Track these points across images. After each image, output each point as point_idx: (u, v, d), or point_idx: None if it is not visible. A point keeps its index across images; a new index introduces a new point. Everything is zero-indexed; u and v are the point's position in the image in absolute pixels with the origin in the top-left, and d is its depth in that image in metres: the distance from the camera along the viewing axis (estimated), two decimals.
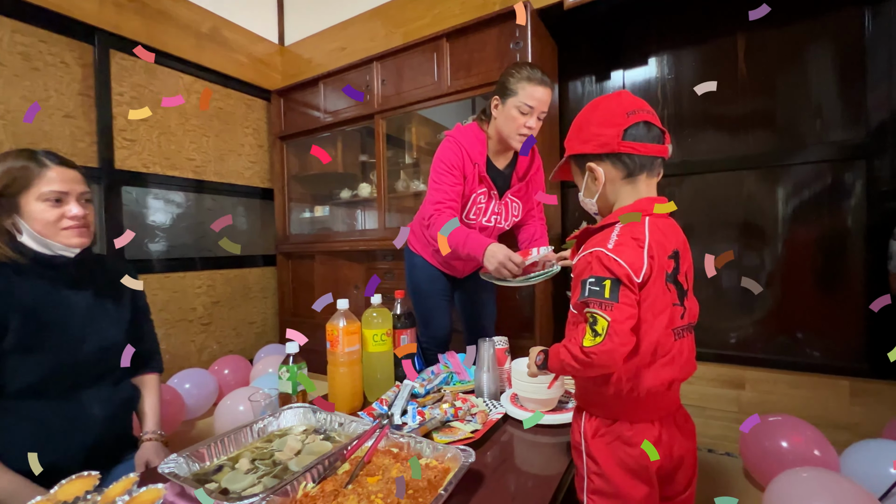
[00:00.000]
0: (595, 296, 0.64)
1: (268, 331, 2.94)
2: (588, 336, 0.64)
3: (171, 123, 2.40)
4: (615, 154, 0.72)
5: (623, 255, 0.65)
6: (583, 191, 0.80)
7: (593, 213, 0.82)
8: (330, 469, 0.75)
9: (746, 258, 1.92)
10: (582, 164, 0.77)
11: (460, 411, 0.99)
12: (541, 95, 1.25)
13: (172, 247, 2.44)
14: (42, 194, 0.89)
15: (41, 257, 0.91)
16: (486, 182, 1.35)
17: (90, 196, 0.99)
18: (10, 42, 1.82)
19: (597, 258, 0.66)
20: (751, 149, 1.90)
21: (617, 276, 0.64)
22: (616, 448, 0.71)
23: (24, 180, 0.88)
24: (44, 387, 0.89)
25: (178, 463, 0.75)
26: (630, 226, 0.69)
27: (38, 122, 1.90)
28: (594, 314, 0.64)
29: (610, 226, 0.72)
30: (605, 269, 0.65)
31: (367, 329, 1.17)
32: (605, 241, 0.68)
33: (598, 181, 0.75)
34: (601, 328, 0.63)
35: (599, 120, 0.73)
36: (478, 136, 1.36)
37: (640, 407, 0.70)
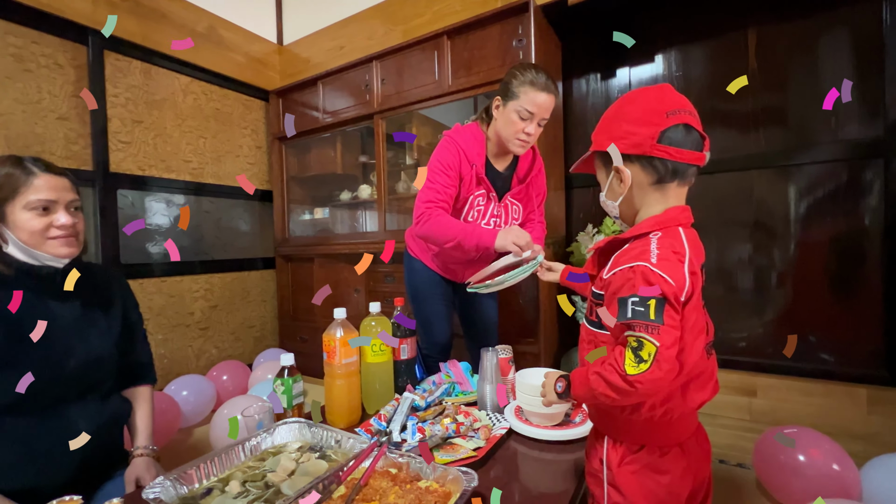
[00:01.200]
0: (639, 317, 0.57)
1: (267, 335, 2.90)
2: (630, 362, 0.57)
3: (168, 125, 2.36)
4: (647, 157, 0.65)
5: (668, 270, 0.58)
6: (605, 191, 0.73)
7: (613, 216, 0.76)
8: (325, 492, 0.71)
9: (757, 260, 1.87)
10: (608, 163, 0.70)
11: (462, 426, 0.95)
12: (543, 102, 1.20)
13: None
14: (29, 203, 0.85)
15: (27, 268, 0.87)
16: (485, 184, 1.31)
17: (79, 204, 0.95)
18: (2, 43, 1.79)
19: (641, 274, 0.59)
20: (761, 147, 1.84)
21: (663, 295, 0.57)
22: (644, 477, 0.65)
23: (10, 188, 0.84)
24: (26, 402, 0.85)
25: (165, 487, 0.71)
26: (668, 238, 0.63)
27: (30, 125, 1.86)
28: (640, 338, 0.57)
29: (642, 237, 0.66)
30: (650, 288, 0.58)
31: None
32: (646, 254, 0.61)
33: (623, 184, 0.68)
34: (647, 354, 0.56)
35: (635, 116, 0.66)
36: (476, 136, 1.32)
37: (671, 431, 0.66)
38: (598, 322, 0.69)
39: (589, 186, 2.23)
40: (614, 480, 0.67)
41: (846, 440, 1.40)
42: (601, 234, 1.92)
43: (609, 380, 0.59)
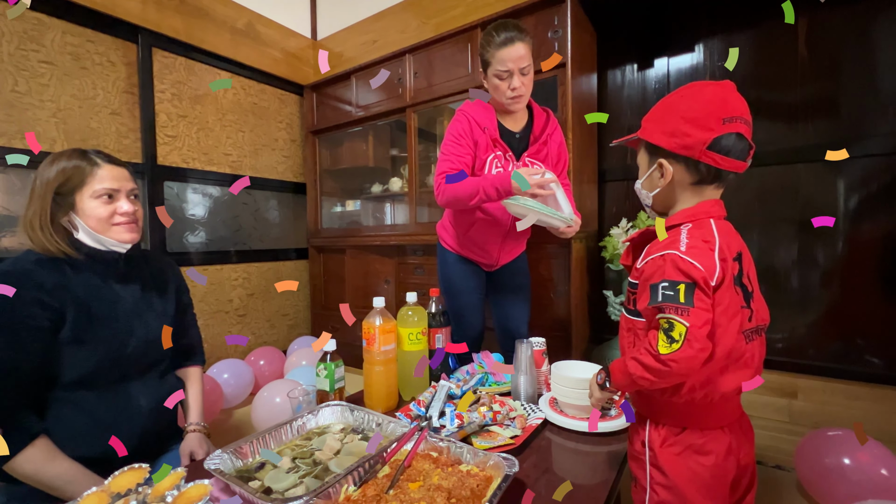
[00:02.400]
0: (670, 300, 0.60)
1: (300, 323, 2.99)
2: (663, 343, 0.60)
3: (209, 119, 2.46)
4: (693, 160, 0.67)
5: (697, 257, 0.61)
6: (643, 180, 0.75)
7: (646, 205, 0.78)
8: (370, 472, 0.74)
9: (802, 257, 1.79)
10: (653, 154, 0.72)
11: (499, 415, 0.97)
12: (510, 55, 1.23)
13: (210, 240, 2.51)
14: (95, 191, 0.91)
15: (94, 252, 0.94)
16: (500, 145, 1.34)
17: (138, 192, 1.01)
18: (61, 42, 1.90)
19: (671, 261, 0.63)
20: (809, 140, 1.76)
21: (693, 280, 0.60)
22: (687, 458, 0.67)
23: (78, 179, 0.91)
24: (95, 378, 0.92)
25: (223, 459, 0.76)
26: (698, 228, 0.66)
27: (86, 120, 1.98)
28: (670, 319, 0.60)
29: (674, 227, 0.69)
30: (680, 273, 0.61)
31: (403, 327, 1.16)
32: (676, 243, 0.64)
33: (664, 179, 0.70)
34: (678, 334, 0.59)
35: (692, 116, 0.66)
36: (484, 105, 1.37)
37: (712, 414, 0.67)
38: (635, 310, 0.72)
39: (623, 180, 2.19)
40: (657, 461, 0.69)
41: (894, 446, 1.35)
42: (635, 228, 1.89)
43: (644, 362, 0.62)
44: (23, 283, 0.85)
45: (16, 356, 0.83)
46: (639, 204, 2.06)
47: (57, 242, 0.89)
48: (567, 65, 1.79)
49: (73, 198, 0.91)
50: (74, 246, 0.92)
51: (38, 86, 1.83)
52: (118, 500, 0.66)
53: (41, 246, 0.89)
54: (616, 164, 2.22)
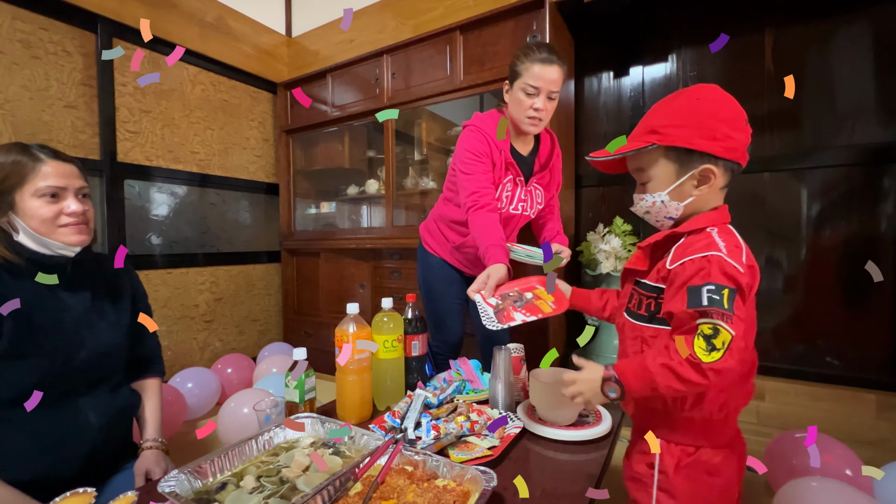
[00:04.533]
0: (716, 305, 0.56)
1: (271, 328, 2.89)
2: (702, 350, 0.55)
3: (176, 115, 2.34)
4: (735, 162, 0.65)
5: (738, 261, 0.59)
6: (669, 190, 0.69)
7: (665, 216, 0.72)
8: (341, 490, 0.70)
9: (766, 263, 1.85)
10: (687, 161, 0.67)
11: (476, 425, 0.94)
12: (545, 74, 1.19)
13: (175, 242, 2.39)
14: (38, 190, 0.83)
15: (38, 257, 0.86)
16: (513, 168, 1.31)
17: (88, 191, 0.93)
18: (10, 29, 1.77)
19: (717, 263, 0.59)
20: (775, 150, 1.83)
21: (738, 285, 0.58)
22: (700, 482, 0.64)
23: (18, 176, 0.83)
24: (42, 390, 0.84)
25: (179, 480, 0.70)
26: (724, 233, 0.64)
27: (37, 113, 1.85)
28: (717, 326, 0.56)
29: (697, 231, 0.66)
30: (726, 277, 0.58)
31: (378, 334, 1.12)
32: (714, 246, 0.62)
33: (705, 185, 0.66)
34: (721, 342, 0.55)
35: (730, 118, 0.64)
36: (497, 120, 1.31)
37: (725, 429, 0.65)
38: (646, 316, 0.68)
39: (598, 186, 2.22)
40: (668, 485, 0.65)
41: (855, 445, 1.39)
42: (612, 233, 1.90)
43: (678, 371, 0.57)
44: None
45: None
46: (614, 209, 2.09)
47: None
48: None
49: (11, 197, 0.83)
50: (14, 250, 0.84)
51: None
52: None
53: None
54: (592, 169, 2.24)
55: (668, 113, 0.67)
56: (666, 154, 0.68)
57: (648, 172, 0.70)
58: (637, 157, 0.72)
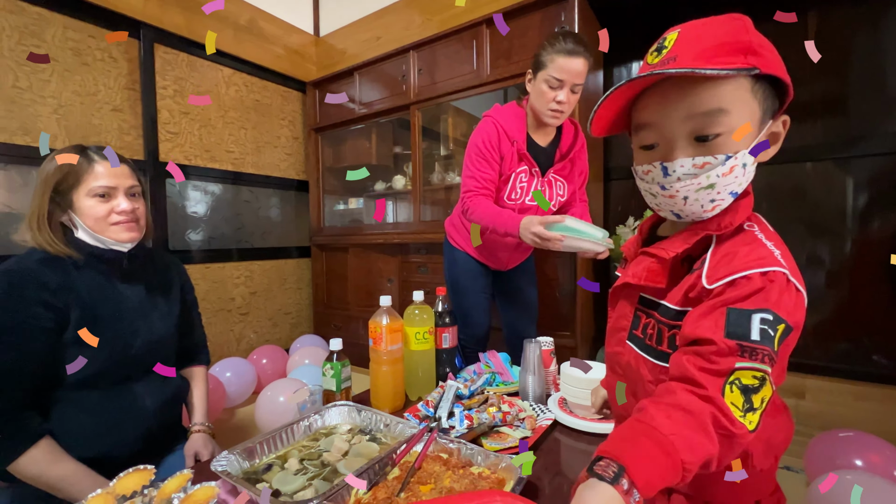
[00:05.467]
0: (767, 343, 0.40)
1: (302, 321, 2.98)
2: (737, 407, 0.39)
3: (212, 116, 2.44)
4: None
5: (799, 278, 0.44)
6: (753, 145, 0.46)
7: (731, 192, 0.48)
8: (380, 474, 0.73)
9: (809, 257, 1.78)
10: (773, 103, 0.46)
11: (508, 416, 0.95)
12: (570, 67, 1.17)
13: (212, 238, 2.50)
14: (91, 189, 0.89)
15: (96, 251, 0.92)
16: (527, 160, 1.30)
17: (139, 190, 0.98)
18: (62, 38, 1.88)
19: (780, 286, 0.42)
20: (819, 138, 1.74)
21: (798, 320, 0.42)
22: None
23: (75, 176, 0.88)
24: (99, 378, 0.91)
25: (230, 460, 0.75)
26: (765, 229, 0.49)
27: (87, 117, 1.96)
28: (764, 374, 0.40)
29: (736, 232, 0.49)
30: (786, 308, 0.41)
31: (410, 327, 1.14)
32: (769, 256, 0.44)
33: (777, 145, 0.49)
34: (760, 400, 0.40)
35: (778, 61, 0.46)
36: (516, 112, 1.32)
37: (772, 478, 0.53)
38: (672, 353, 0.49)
39: (628, 178, 2.18)
40: None
41: None
42: None
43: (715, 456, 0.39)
44: (27, 283, 0.83)
45: (19, 357, 0.82)
46: (645, 203, 2.05)
47: (55, 242, 0.87)
48: None
49: (70, 196, 0.89)
50: (75, 245, 0.90)
51: (39, 81, 1.81)
52: (124, 502, 0.65)
53: (42, 245, 0.87)
54: (622, 161, 2.20)
55: (753, 33, 0.45)
56: (754, 90, 0.45)
57: (732, 117, 0.45)
58: (710, 93, 0.45)
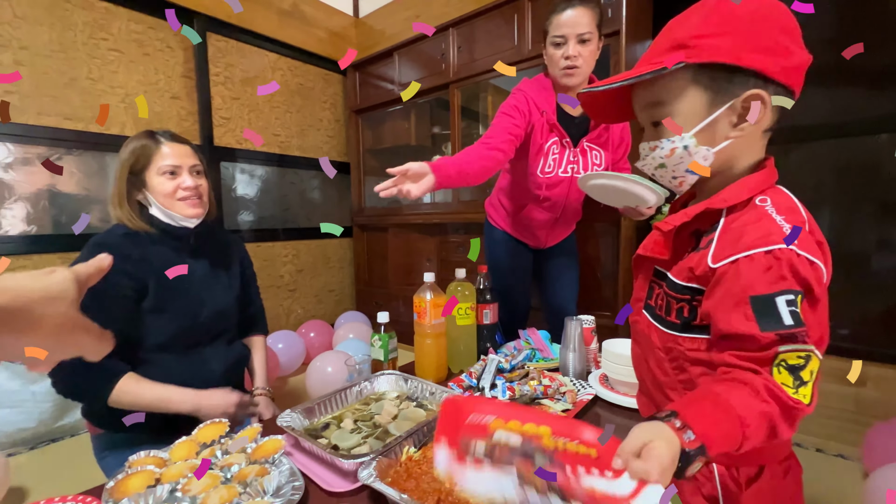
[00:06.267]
0: (800, 323, 0.41)
1: (345, 299, 3.11)
2: (789, 385, 0.41)
3: (259, 101, 2.54)
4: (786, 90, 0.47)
5: (813, 251, 0.44)
6: (697, 130, 0.50)
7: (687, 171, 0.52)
8: (428, 436, 0.78)
9: (883, 239, 1.65)
10: (727, 85, 0.48)
11: (549, 389, 0.98)
12: (568, 20, 1.15)
13: (262, 218, 2.64)
14: (160, 168, 0.98)
15: (168, 227, 1.01)
16: (558, 130, 1.28)
17: (201, 168, 1.06)
18: (126, 31, 2.01)
19: (788, 263, 0.43)
20: (894, 108, 1.59)
21: (810, 288, 0.43)
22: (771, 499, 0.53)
23: (146, 157, 0.98)
24: (173, 343, 1.01)
25: (293, 418, 0.82)
26: (778, 200, 0.48)
27: (150, 104, 2.10)
28: (809, 353, 0.41)
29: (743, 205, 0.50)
30: (797, 278, 0.43)
31: None
32: (776, 231, 0.45)
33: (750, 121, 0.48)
34: (810, 373, 0.41)
35: (790, 29, 0.46)
36: (544, 84, 1.30)
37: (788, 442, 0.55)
38: (679, 324, 0.52)
39: None
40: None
41: None
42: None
43: (776, 421, 0.41)
44: (113, 254, 0.93)
45: (106, 320, 0.92)
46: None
47: (133, 218, 0.97)
48: (621, 32, 1.70)
49: (143, 176, 0.98)
50: (150, 221, 0.99)
51: (108, 73, 1.96)
52: (205, 449, 0.74)
53: (122, 221, 0.97)
54: None
55: (703, 20, 0.48)
56: (696, 78, 0.49)
57: (669, 107, 0.51)
58: (651, 88, 0.52)
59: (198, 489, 0.61)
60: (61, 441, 1.70)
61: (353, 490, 0.67)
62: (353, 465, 0.66)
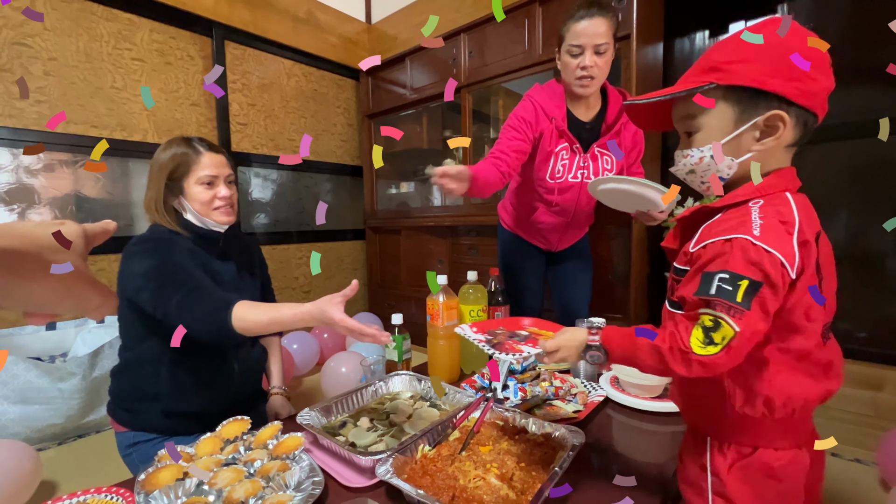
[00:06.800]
0: (724, 296, 0.50)
1: (358, 300, 3.16)
2: (698, 341, 0.51)
3: (275, 106, 2.60)
4: (809, 112, 0.54)
5: (775, 243, 0.50)
6: (725, 141, 0.57)
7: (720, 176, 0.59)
8: (442, 435, 0.80)
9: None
10: (753, 105, 0.55)
11: (560, 390, 0.99)
12: (586, 30, 1.15)
13: (277, 221, 2.69)
14: (199, 178, 1.00)
15: (201, 231, 1.04)
16: (567, 136, 1.29)
17: (233, 178, 1.08)
18: (149, 40, 2.08)
19: (739, 248, 0.51)
20: None
21: (764, 276, 0.49)
22: (759, 484, 0.56)
23: (186, 166, 1.00)
24: (201, 343, 1.04)
25: (312, 416, 0.85)
26: (773, 203, 0.54)
27: (171, 112, 2.17)
28: (719, 319, 0.50)
29: (738, 205, 0.57)
30: (748, 265, 0.50)
31: (464, 304, 1.20)
32: (746, 225, 0.52)
33: (770, 138, 0.55)
34: (721, 338, 0.50)
35: (813, 57, 0.52)
36: (555, 90, 1.31)
37: (790, 429, 0.57)
38: (676, 302, 0.60)
39: None
40: (723, 489, 0.58)
41: None
42: None
43: (666, 357, 0.53)
44: (173, 240, 0.98)
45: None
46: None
47: (170, 223, 1.01)
48: (632, 35, 1.70)
49: (182, 183, 1.01)
50: (184, 226, 1.03)
51: (131, 82, 2.03)
52: (228, 444, 0.77)
53: (161, 224, 1.01)
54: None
55: (734, 48, 0.56)
56: (726, 96, 0.57)
57: (699, 120, 0.59)
58: (687, 103, 0.60)
59: (224, 482, 0.65)
60: (87, 437, 1.77)
61: (370, 486, 0.70)
62: (371, 461, 0.69)
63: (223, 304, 0.88)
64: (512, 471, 0.68)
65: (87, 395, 1.74)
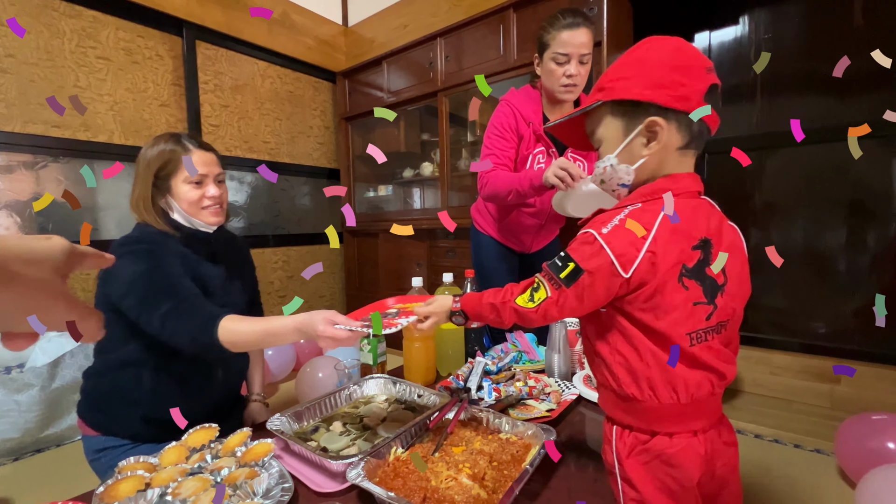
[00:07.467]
0: (553, 270, 0.60)
1: (336, 304, 3.12)
2: (523, 296, 0.64)
3: (249, 108, 2.55)
4: (686, 115, 0.58)
5: (613, 244, 0.56)
6: (618, 151, 0.63)
7: (618, 184, 0.64)
8: (416, 437, 0.80)
9: (852, 241, 1.72)
10: (634, 115, 0.61)
11: (534, 390, 1.01)
12: (573, 39, 1.20)
13: (252, 224, 2.64)
14: (187, 177, 0.95)
15: (190, 231, 1.00)
16: (544, 140, 1.32)
17: (223, 177, 1.03)
18: (115, 38, 2.01)
19: (583, 239, 0.59)
20: (864, 115, 1.67)
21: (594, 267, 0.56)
22: (656, 469, 0.58)
23: (174, 164, 0.95)
24: None
25: (282, 421, 0.84)
26: (646, 210, 0.58)
27: (139, 112, 2.10)
28: (541, 283, 0.62)
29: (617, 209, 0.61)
30: (581, 255, 0.57)
31: None
32: (605, 222, 0.58)
33: (657, 143, 0.60)
34: (538, 298, 0.61)
35: (682, 67, 0.58)
36: (531, 95, 1.34)
37: (683, 416, 0.58)
38: None
39: None
40: (626, 474, 0.60)
41: None
42: None
43: (499, 309, 0.67)
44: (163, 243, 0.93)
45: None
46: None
47: (159, 223, 0.96)
48: (602, 43, 1.75)
49: (169, 182, 0.95)
50: (172, 226, 0.98)
51: (96, 80, 1.96)
52: (195, 453, 0.75)
53: (149, 223, 0.96)
54: None
55: (615, 67, 0.63)
56: (612, 111, 0.63)
57: (598, 134, 0.66)
58: (589, 121, 0.68)
59: (188, 492, 0.63)
60: (46, 451, 1.68)
61: (341, 490, 0.69)
62: (342, 465, 0.68)
63: (209, 320, 0.86)
64: (484, 470, 0.69)
65: (47, 407, 1.65)
